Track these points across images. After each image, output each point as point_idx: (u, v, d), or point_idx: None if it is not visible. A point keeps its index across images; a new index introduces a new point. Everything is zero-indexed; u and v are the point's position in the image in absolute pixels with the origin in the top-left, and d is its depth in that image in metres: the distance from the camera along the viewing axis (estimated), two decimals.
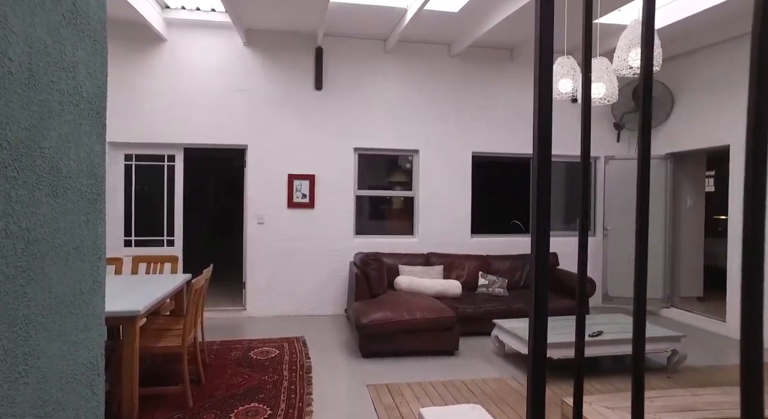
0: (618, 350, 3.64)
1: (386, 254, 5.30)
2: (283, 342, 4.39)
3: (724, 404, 2.62)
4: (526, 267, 5.51)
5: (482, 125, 5.85)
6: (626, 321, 4.16)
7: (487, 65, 5.86)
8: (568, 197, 6.50)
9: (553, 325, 3.98)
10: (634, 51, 2.53)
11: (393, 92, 5.65)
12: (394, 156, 5.88)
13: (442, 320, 4.05)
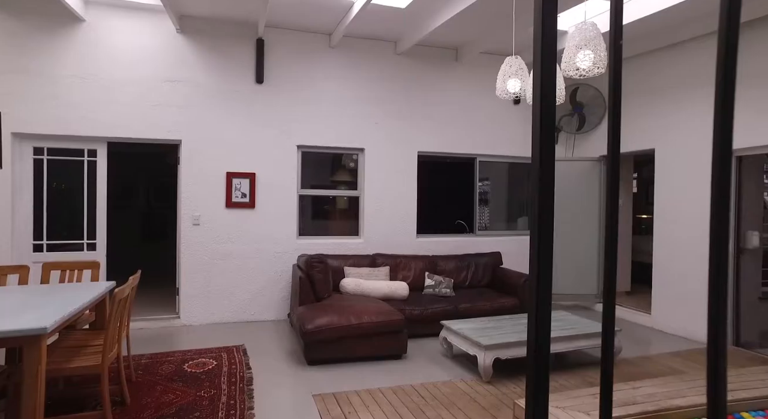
0: (562, 347, 3.72)
1: (331, 255, 5.12)
2: (221, 351, 4.09)
3: (659, 395, 2.71)
4: (472, 267, 5.56)
5: (428, 125, 5.83)
6: (565, 317, 4.28)
7: (433, 65, 5.85)
8: (510, 197, 6.65)
9: (498, 325, 4.01)
10: (581, 52, 2.56)
11: (338, 89, 5.48)
12: (338, 154, 5.71)
13: (391, 323, 3.95)
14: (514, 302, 4.98)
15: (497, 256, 5.76)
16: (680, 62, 4.99)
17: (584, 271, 6.08)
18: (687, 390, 2.78)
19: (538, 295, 0.73)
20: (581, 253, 6.08)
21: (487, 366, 3.46)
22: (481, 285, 5.54)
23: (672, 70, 5.09)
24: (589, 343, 3.82)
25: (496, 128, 6.15)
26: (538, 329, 0.73)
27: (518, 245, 6.26)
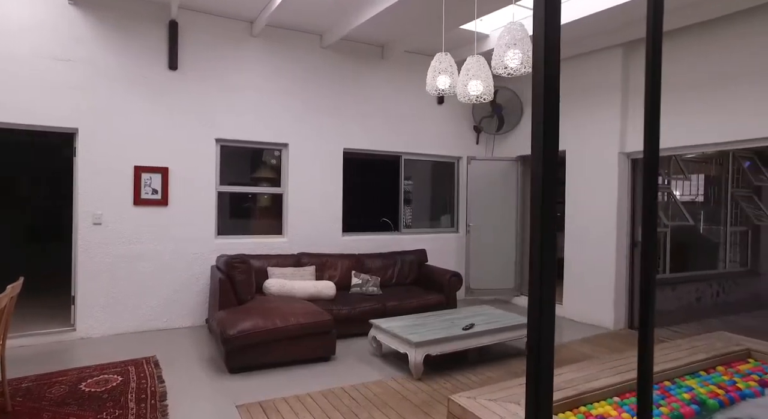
0: (489, 340, 3.83)
1: (253, 255, 4.84)
2: (127, 365, 3.67)
3: (578, 379, 2.88)
4: (398, 265, 5.57)
5: (354, 121, 5.75)
6: (492, 312, 4.43)
7: (358, 60, 5.77)
8: (434, 195, 6.78)
9: (427, 321, 4.03)
10: (511, 51, 2.63)
11: (261, 80, 5.19)
12: (260, 150, 5.42)
13: (319, 324, 3.81)
14: (440, 298, 5.06)
15: (422, 253, 5.84)
16: (588, 70, 5.39)
17: (503, 266, 6.37)
18: (600, 373, 2.98)
19: (541, 300, 0.67)
20: (501, 249, 6.36)
21: (418, 364, 3.46)
22: (407, 283, 5.57)
23: (582, 78, 5.48)
24: (513, 335, 3.97)
25: (420, 126, 6.23)
26: (541, 339, 0.66)
27: (442, 242, 6.40)
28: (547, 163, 0.66)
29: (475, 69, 3.05)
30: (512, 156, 6.41)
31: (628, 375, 2.95)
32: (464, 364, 3.87)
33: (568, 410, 2.58)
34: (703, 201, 6.94)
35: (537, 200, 0.67)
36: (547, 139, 0.66)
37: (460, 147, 6.55)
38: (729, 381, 3.12)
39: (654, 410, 2.62)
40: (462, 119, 6.57)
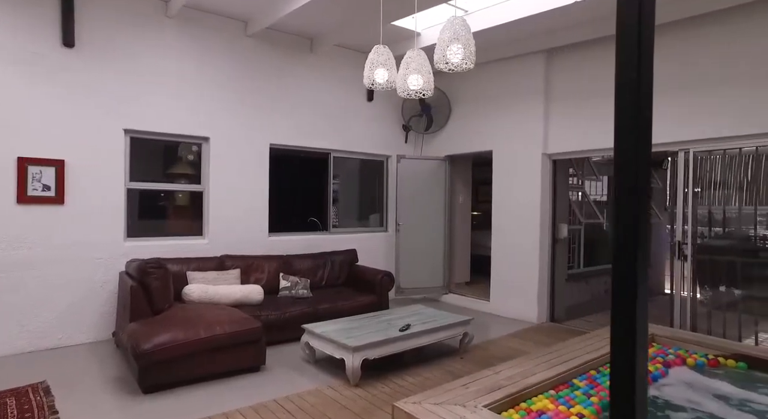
0: (427, 340, 3.78)
1: (170, 259, 4.38)
2: (6, 396, 3.09)
3: (517, 376, 2.91)
4: (328, 266, 5.38)
5: (282, 116, 5.45)
6: (426, 311, 4.40)
7: (287, 52, 5.48)
8: (362, 194, 6.67)
9: (361, 324, 3.90)
10: (455, 46, 2.58)
11: (178, 67, 4.72)
12: (176, 143, 4.94)
13: (248, 332, 3.51)
14: (372, 299, 4.96)
15: (353, 253, 5.70)
16: (514, 74, 5.59)
17: (432, 264, 6.43)
18: (535, 368, 3.04)
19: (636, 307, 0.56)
20: (430, 247, 6.41)
21: (356, 369, 3.31)
22: (338, 284, 5.40)
23: (508, 81, 5.67)
24: (449, 334, 3.97)
25: (350, 123, 6.08)
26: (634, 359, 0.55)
27: (371, 242, 6.31)
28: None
29: (415, 63, 2.97)
30: (441, 155, 6.49)
31: (561, 368, 3.05)
32: (400, 366, 3.79)
33: (511, 407, 2.59)
34: (608, 201, 7.55)
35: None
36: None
37: (390, 146, 6.51)
38: None
39: (585, 400, 2.73)
40: (391, 117, 6.53)
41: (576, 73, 5.10)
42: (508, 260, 5.64)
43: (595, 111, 4.93)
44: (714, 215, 4.68)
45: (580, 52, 5.04)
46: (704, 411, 2.77)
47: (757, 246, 5.11)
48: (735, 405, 2.84)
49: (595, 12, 4.31)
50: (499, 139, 5.75)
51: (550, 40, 5.00)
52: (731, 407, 2.81)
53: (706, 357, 3.52)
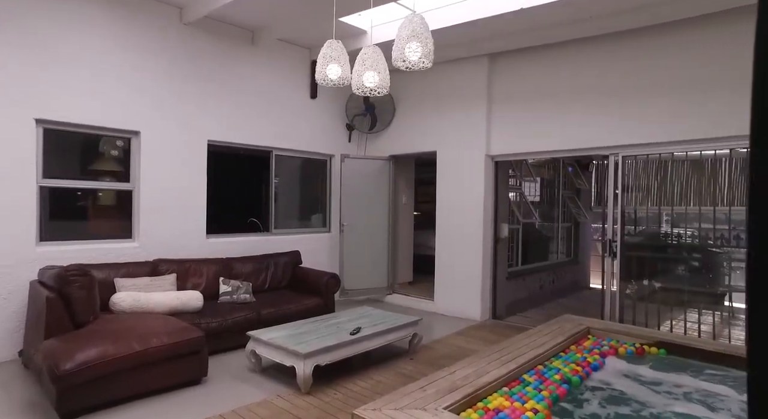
0: (378, 343, 3.73)
1: (95, 265, 3.96)
2: None
3: (471, 375, 2.94)
4: (271, 268, 5.16)
5: (221, 111, 5.14)
6: (374, 313, 4.35)
7: (227, 44, 5.18)
8: (304, 193, 6.48)
9: (310, 328, 3.77)
10: (413, 44, 2.54)
11: (102, 53, 4.28)
12: (96, 137, 4.48)
13: (189, 343, 3.25)
14: (318, 302, 4.82)
15: (296, 255, 5.52)
16: (459, 76, 5.69)
17: (376, 265, 6.40)
18: (488, 366, 3.09)
19: None
20: (374, 248, 6.37)
21: (308, 376, 3.18)
22: (281, 287, 5.19)
23: (453, 82, 5.76)
24: (399, 335, 3.94)
25: (293, 121, 5.88)
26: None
27: (314, 243, 6.15)
28: None
29: (371, 60, 2.90)
30: (384, 155, 6.47)
31: (512, 365, 3.12)
32: (350, 370, 3.70)
33: (469, 407, 2.60)
34: (541, 201, 7.97)
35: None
36: None
37: (333, 144, 6.38)
38: (581, 358, 3.53)
39: (537, 395, 2.81)
40: (335, 115, 6.41)
41: (517, 78, 5.30)
42: (452, 260, 5.74)
43: (535, 115, 5.15)
44: (639, 215, 5.06)
45: (521, 58, 5.24)
46: (636, 396, 2.97)
47: (671, 243, 5.61)
48: (660, 389, 3.07)
49: (536, 21, 4.49)
50: (444, 140, 5.84)
51: (493, 44, 5.14)
52: (658, 392, 3.04)
53: (633, 345, 3.79)
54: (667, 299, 5.40)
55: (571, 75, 4.89)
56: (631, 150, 4.60)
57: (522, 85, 5.26)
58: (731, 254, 5.67)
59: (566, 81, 4.92)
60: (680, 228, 5.89)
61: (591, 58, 4.76)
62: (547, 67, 5.06)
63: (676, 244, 5.75)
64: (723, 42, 4.03)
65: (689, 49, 4.20)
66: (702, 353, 3.59)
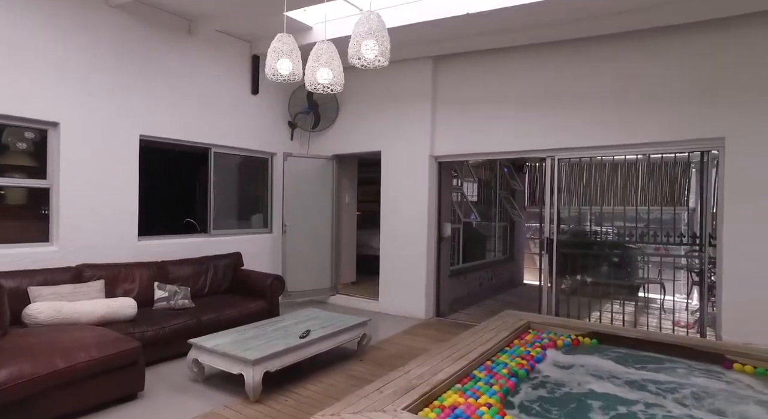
0: (329, 345, 3.65)
1: (3, 273, 3.52)
2: None
3: (426, 374, 2.96)
4: (210, 271, 4.89)
5: (155, 104, 4.79)
6: (321, 315, 4.26)
7: (160, 31, 4.83)
8: (244, 193, 6.21)
9: (257, 333, 3.61)
10: (371, 41, 2.50)
11: (13, 30, 3.81)
12: (5, 127, 3.99)
13: (123, 355, 2.98)
14: (262, 305, 4.65)
15: (237, 257, 5.28)
16: (403, 77, 5.72)
17: (320, 266, 6.29)
18: (441, 364, 3.13)
19: None
20: (317, 248, 6.25)
21: (257, 384, 3.04)
22: (222, 291, 4.94)
23: (398, 83, 5.78)
24: (349, 337, 3.89)
25: (232, 117, 5.61)
26: None
27: (256, 244, 5.91)
28: None
29: (326, 56, 2.82)
30: (328, 154, 6.38)
31: (463, 362, 3.18)
32: (299, 375, 3.60)
33: (425, 407, 2.61)
34: (479, 201, 8.25)
35: None
36: None
37: (275, 143, 6.18)
38: (525, 352, 3.69)
39: (488, 390, 2.88)
40: (277, 113, 6.21)
41: (461, 81, 5.44)
42: (397, 259, 5.77)
43: (478, 117, 5.31)
44: (569, 215, 5.38)
45: (465, 61, 5.38)
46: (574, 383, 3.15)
47: (596, 241, 6.04)
48: (597, 375, 3.29)
49: (480, 26, 4.63)
50: (388, 140, 5.86)
51: (438, 47, 5.23)
52: (596, 378, 3.25)
53: (570, 337, 4.02)
54: (595, 293, 5.82)
55: (513, 80, 5.10)
56: (566, 153, 4.88)
57: (466, 88, 5.40)
58: (645, 249, 6.20)
59: (508, 86, 5.12)
60: (603, 226, 6.38)
61: (531, 65, 4.99)
62: (491, 72, 5.24)
63: (600, 241, 6.20)
64: (636, 58, 4.41)
65: (614, 62, 4.54)
66: (629, 340, 3.89)
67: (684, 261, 6.19)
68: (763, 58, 3.90)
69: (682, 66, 4.24)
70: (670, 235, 5.65)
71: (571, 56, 4.75)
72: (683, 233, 6.18)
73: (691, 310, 5.82)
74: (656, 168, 6.33)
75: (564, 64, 4.80)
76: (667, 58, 4.31)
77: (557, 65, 4.84)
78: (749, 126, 3.97)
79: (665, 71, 4.31)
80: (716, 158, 4.36)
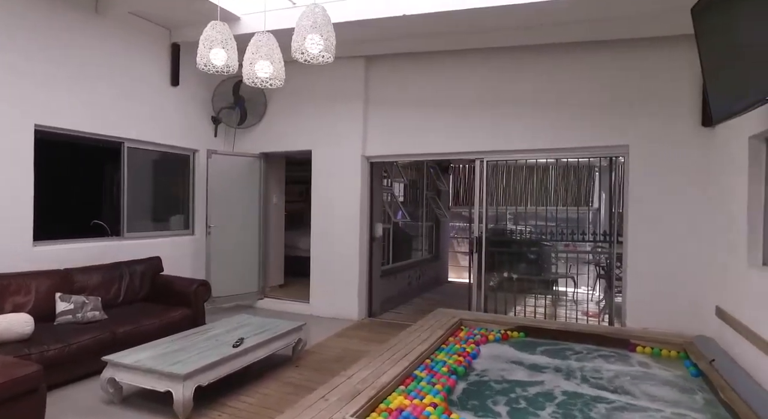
0: (264, 353, 3.46)
1: None
2: None
3: (369, 377, 2.92)
4: (125, 278, 4.43)
5: (56, 91, 4.22)
6: (253, 321, 4.05)
7: (64, 9, 4.27)
8: (163, 192, 5.71)
9: (184, 344, 3.34)
10: (317, 36, 2.40)
11: None
12: None
13: (18, 382, 2.55)
14: (186, 313, 4.31)
15: (156, 262, 4.85)
16: (335, 75, 5.60)
17: (247, 269, 5.99)
18: (383, 366, 3.11)
19: None
20: (244, 250, 5.95)
21: (188, 400, 2.79)
22: (140, 300, 4.50)
23: (329, 81, 5.66)
24: (284, 343, 3.73)
25: (149, 110, 5.14)
26: None
27: (176, 247, 5.48)
28: None
29: (267, 48, 2.66)
30: (255, 152, 6.09)
31: (404, 363, 3.18)
32: (232, 387, 3.37)
33: (372, 412, 2.56)
34: (407, 201, 8.38)
35: None
36: None
37: (197, 139, 5.77)
38: (461, 349, 3.80)
39: (432, 389, 2.91)
40: (199, 107, 5.81)
41: (394, 82, 5.46)
42: (329, 261, 5.66)
43: (410, 119, 5.37)
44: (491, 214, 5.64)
45: (398, 62, 5.41)
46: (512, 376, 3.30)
47: (517, 239, 6.41)
48: (527, 366, 3.48)
49: (414, 29, 4.67)
50: (320, 139, 5.73)
51: (370, 47, 5.21)
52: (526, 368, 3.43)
53: (499, 332, 4.21)
54: (516, 288, 6.16)
55: (445, 84, 5.22)
56: (495, 156, 5.11)
57: (398, 89, 5.44)
58: (557, 246, 6.71)
59: (441, 89, 5.24)
60: (518, 226, 6.81)
61: (462, 70, 5.15)
62: (423, 75, 5.32)
63: (519, 240, 6.59)
64: (557, 69, 4.75)
65: (537, 71, 4.83)
66: (552, 332, 4.17)
67: (592, 257, 6.79)
68: (659, 76, 4.37)
69: (594, 79, 4.62)
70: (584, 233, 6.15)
71: (498, 63, 4.98)
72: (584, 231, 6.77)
73: (597, 301, 6.39)
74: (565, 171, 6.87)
75: (492, 70, 5.01)
76: (581, 72, 4.68)
77: (486, 71, 5.04)
78: (648, 136, 4.43)
79: (581, 84, 4.67)
80: (621, 164, 4.81)
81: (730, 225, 3.58)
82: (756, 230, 3.23)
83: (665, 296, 4.34)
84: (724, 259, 3.70)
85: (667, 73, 4.34)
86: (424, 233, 8.46)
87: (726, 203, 3.70)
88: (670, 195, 4.34)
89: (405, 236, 7.78)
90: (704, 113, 4.17)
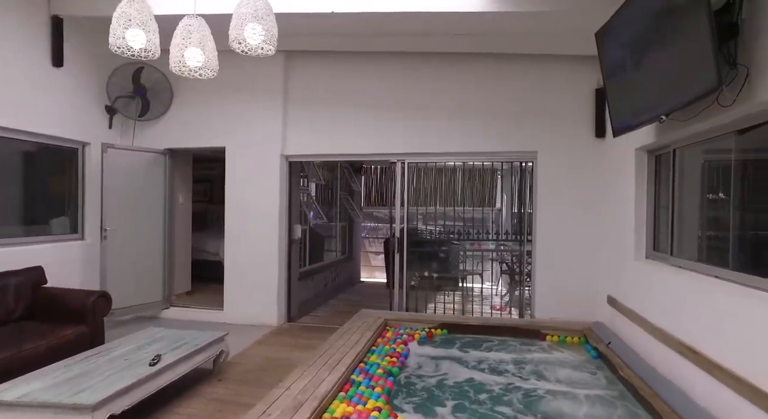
0: (185, 369, 3.14)
1: None
2: None
3: (308, 387, 2.79)
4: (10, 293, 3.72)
5: None
6: (168, 334, 3.66)
7: None
8: (37, 191, 4.91)
9: (87, 368, 2.90)
10: (251, 26, 2.22)
11: None
12: None
13: None
14: (82, 330, 3.74)
15: (37, 272, 4.15)
16: (252, 69, 5.28)
17: (149, 276, 5.41)
18: (320, 374, 3.01)
19: None
20: (146, 256, 5.37)
21: None
22: (17, 319, 3.81)
23: (246, 75, 5.33)
24: (205, 356, 3.43)
25: (23, 93, 4.37)
26: None
27: (61, 254, 4.75)
28: None
29: (198, 34, 2.39)
30: (159, 148, 5.52)
31: (341, 369, 3.11)
32: (147, 410, 3.01)
33: None
34: (320, 201, 8.24)
35: None
36: None
37: (88, 130, 5.07)
38: (391, 349, 3.82)
39: (372, 393, 2.87)
40: (89, 93, 5.10)
41: (316, 79, 5.32)
42: (245, 264, 5.34)
43: (331, 118, 5.27)
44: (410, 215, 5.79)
45: (320, 60, 5.28)
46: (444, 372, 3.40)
47: (429, 238, 6.66)
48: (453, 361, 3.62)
49: (339, 27, 4.59)
50: (235, 135, 5.38)
51: (290, 42, 4.99)
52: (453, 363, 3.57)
53: (424, 330, 4.32)
54: (433, 286, 6.39)
55: (366, 85, 5.21)
56: (416, 158, 5.23)
57: (320, 87, 5.31)
58: (464, 245, 7.09)
59: (361, 90, 5.21)
60: (428, 225, 7.09)
61: (382, 72, 5.18)
62: (344, 74, 5.26)
63: (431, 239, 6.85)
64: (473, 76, 5.02)
65: (455, 77, 5.05)
66: (472, 327, 4.38)
67: (496, 254, 7.29)
68: (562, 90, 4.83)
69: (507, 91, 4.95)
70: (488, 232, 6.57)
71: (417, 69, 5.10)
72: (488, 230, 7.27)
73: (501, 295, 6.88)
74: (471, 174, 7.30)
75: (411, 75, 5.11)
76: (496, 82, 4.98)
77: (403, 76, 5.13)
78: (553, 143, 4.87)
79: (496, 94, 4.97)
80: (529, 169, 5.23)
81: (620, 224, 4.07)
82: (640, 228, 3.73)
83: (566, 288, 4.80)
84: (615, 253, 4.20)
85: (568, 88, 4.81)
86: (338, 233, 8.39)
87: (617, 204, 4.20)
88: (572, 197, 4.82)
89: (320, 237, 7.64)
90: (597, 126, 4.70)
